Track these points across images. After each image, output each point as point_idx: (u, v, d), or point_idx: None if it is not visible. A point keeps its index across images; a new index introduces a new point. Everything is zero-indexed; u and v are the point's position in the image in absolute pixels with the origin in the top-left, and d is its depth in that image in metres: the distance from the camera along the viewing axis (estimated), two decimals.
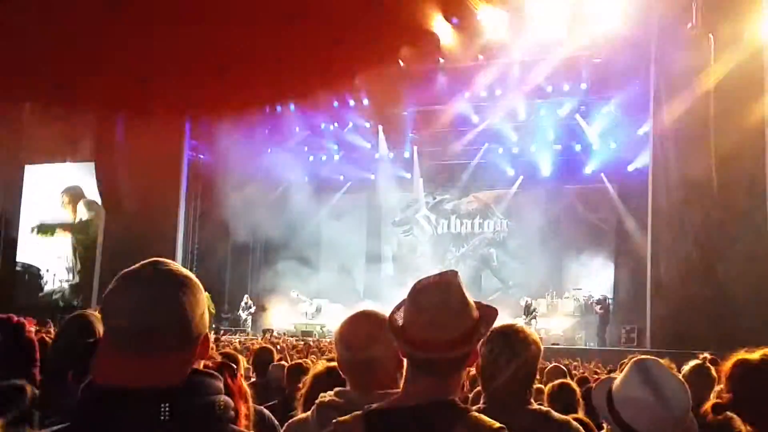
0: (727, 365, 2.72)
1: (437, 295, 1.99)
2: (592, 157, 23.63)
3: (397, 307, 2.07)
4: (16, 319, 3.42)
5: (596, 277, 23.52)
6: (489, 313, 2.06)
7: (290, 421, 2.78)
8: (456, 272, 2.07)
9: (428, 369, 1.96)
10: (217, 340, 14.43)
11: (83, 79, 19.85)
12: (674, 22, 17.80)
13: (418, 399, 1.94)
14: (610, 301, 22.19)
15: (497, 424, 1.93)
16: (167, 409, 1.57)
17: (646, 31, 18.52)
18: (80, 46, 18.91)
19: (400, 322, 2.02)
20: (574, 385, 5.20)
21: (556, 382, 5.22)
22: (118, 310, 1.63)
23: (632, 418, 2.48)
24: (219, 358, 4.70)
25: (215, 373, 1.70)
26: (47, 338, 4.67)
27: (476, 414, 1.97)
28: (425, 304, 1.98)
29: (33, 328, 3.49)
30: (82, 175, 24.60)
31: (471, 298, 2.03)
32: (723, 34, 16.70)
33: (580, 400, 4.83)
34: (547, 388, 5.05)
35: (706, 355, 4.50)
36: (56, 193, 25.02)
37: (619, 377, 2.61)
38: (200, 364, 1.72)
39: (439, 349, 1.95)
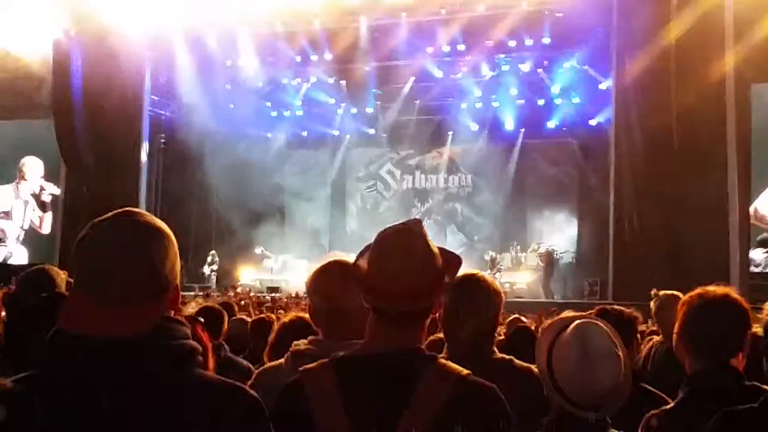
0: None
1: (400, 244, 1.97)
2: (555, 112, 23.69)
3: (361, 254, 2.04)
4: None
5: (560, 231, 23.78)
6: (453, 262, 2.04)
7: (263, 367, 2.79)
8: (420, 221, 2.07)
9: (392, 318, 1.95)
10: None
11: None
12: None
13: (384, 347, 1.93)
14: (560, 254, 22.50)
15: (465, 371, 1.92)
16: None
17: None
18: None
19: (364, 270, 2.00)
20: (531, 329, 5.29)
21: (514, 327, 5.30)
22: (89, 258, 1.64)
23: (560, 377, 2.31)
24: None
25: (183, 320, 1.70)
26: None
27: (443, 361, 1.97)
28: (388, 253, 1.96)
29: None
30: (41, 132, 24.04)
31: (435, 247, 2.01)
32: None
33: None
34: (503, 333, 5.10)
35: (655, 290, 4.62)
36: (11, 153, 24.39)
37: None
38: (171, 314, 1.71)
39: (402, 300, 1.93)
